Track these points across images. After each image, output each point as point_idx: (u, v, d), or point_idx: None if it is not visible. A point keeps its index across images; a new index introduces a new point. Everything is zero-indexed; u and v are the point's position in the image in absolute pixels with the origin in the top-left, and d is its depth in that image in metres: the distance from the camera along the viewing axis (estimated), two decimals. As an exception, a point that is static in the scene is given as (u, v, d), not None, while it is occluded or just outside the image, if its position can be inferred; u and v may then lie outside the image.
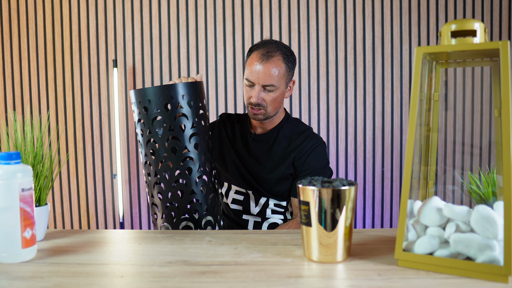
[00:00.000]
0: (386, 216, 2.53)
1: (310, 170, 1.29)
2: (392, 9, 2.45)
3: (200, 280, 0.68)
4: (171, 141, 1.06)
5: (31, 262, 0.77)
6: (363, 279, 0.67)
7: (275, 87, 1.25)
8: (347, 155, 2.51)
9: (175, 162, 1.06)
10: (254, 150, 1.34)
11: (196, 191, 1.07)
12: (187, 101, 1.06)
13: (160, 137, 1.05)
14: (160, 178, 1.07)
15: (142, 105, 1.05)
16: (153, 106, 1.04)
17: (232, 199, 1.36)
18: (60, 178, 2.54)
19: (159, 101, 1.03)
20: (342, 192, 0.72)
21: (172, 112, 1.04)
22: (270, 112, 1.29)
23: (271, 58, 1.23)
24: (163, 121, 1.05)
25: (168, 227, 1.09)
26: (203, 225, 1.09)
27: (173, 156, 1.06)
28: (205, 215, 1.09)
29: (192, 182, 1.07)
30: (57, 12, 2.48)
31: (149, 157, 1.08)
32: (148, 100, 1.04)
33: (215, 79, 2.49)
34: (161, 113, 1.04)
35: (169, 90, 1.03)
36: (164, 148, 1.06)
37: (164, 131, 1.05)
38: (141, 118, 1.07)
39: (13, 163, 0.77)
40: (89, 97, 2.51)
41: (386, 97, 2.49)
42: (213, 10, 2.46)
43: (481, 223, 0.67)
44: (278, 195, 1.32)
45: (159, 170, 1.07)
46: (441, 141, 0.86)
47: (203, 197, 1.09)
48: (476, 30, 0.71)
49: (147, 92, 1.05)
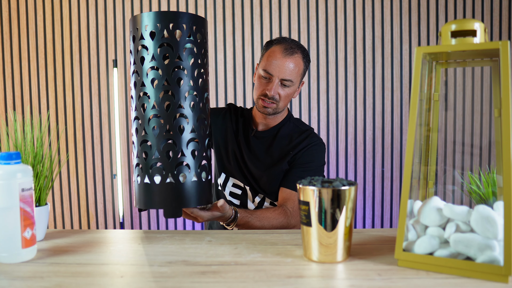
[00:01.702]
0: (386, 216, 2.53)
1: (303, 164, 1.28)
2: (392, 9, 2.45)
3: (200, 280, 0.68)
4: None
5: (31, 262, 0.77)
6: (363, 279, 0.67)
7: (292, 83, 1.26)
8: (347, 155, 2.51)
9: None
10: (254, 146, 1.34)
11: (185, 154, 0.95)
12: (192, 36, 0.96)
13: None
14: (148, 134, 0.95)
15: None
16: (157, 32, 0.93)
17: (230, 192, 1.36)
18: (60, 178, 2.54)
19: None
20: (342, 192, 0.72)
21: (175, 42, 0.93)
22: (280, 108, 1.29)
23: (294, 54, 1.25)
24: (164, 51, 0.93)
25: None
26: (199, 168, 0.96)
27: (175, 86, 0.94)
28: (202, 158, 0.98)
29: (183, 142, 0.95)
30: (57, 12, 2.48)
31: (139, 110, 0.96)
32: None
33: (215, 79, 2.49)
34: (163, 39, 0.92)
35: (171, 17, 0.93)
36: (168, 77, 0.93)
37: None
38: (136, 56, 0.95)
39: (13, 163, 0.77)
40: (89, 97, 2.51)
41: (386, 97, 2.49)
42: (213, 10, 2.46)
43: (481, 223, 0.68)
44: (273, 194, 1.32)
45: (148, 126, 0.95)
46: (441, 141, 0.86)
47: (193, 162, 0.96)
48: (476, 30, 0.71)
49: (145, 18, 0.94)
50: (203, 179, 0.97)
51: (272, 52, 1.26)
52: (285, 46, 1.25)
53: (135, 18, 0.96)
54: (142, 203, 0.96)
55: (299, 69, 1.26)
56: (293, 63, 1.24)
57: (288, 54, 1.24)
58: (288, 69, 1.24)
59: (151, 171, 0.95)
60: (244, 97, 2.50)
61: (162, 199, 0.94)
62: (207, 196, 0.99)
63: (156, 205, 0.95)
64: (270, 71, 1.24)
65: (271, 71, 1.24)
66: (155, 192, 0.95)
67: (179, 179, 0.95)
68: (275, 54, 1.25)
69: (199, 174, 0.96)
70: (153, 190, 0.95)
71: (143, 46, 0.95)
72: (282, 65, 1.23)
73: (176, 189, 0.94)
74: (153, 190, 0.95)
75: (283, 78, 1.24)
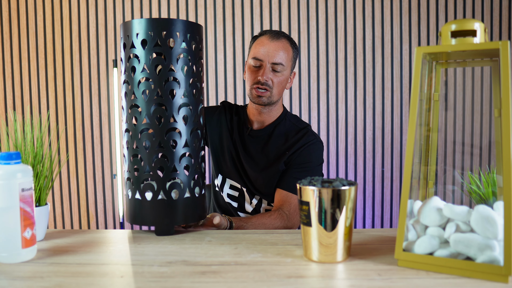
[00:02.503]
0: (386, 216, 2.53)
1: (299, 165, 1.27)
2: (392, 9, 2.45)
3: (200, 280, 0.68)
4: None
5: (31, 262, 0.77)
6: (363, 279, 0.67)
7: (283, 68, 1.26)
8: (347, 155, 2.51)
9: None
10: (249, 145, 1.33)
11: (178, 169, 0.91)
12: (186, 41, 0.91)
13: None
14: (139, 148, 0.91)
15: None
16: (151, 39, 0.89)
17: (227, 194, 1.35)
18: (60, 178, 2.54)
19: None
20: (342, 192, 0.72)
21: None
22: (274, 96, 1.28)
23: (280, 38, 1.27)
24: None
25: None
26: (192, 184, 0.93)
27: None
28: (195, 173, 0.94)
29: (175, 157, 0.91)
30: (57, 12, 2.48)
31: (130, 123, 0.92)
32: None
33: (215, 79, 2.49)
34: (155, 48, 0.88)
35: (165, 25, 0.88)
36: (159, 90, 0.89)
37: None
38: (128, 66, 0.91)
39: (13, 163, 0.77)
40: (89, 97, 2.51)
41: (386, 97, 2.49)
42: (213, 10, 2.46)
43: (481, 223, 0.68)
44: (269, 196, 1.30)
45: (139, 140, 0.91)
46: (441, 141, 0.86)
47: (186, 178, 0.93)
48: (476, 30, 0.71)
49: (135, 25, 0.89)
50: (196, 194, 0.93)
51: (259, 41, 1.28)
52: (270, 34, 1.28)
53: (126, 24, 0.91)
54: (133, 218, 0.93)
55: (288, 53, 1.27)
56: (281, 47, 1.26)
57: (275, 38, 1.26)
58: (277, 52, 1.25)
59: (142, 187, 0.91)
60: (244, 97, 2.50)
61: (154, 216, 0.91)
62: (200, 212, 0.96)
63: (147, 222, 0.91)
64: (260, 57, 1.25)
65: (261, 57, 1.25)
66: (147, 209, 0.91)
67: (171, 195, 0.90)
68: (262, 41, 1.27)
69: (192, 189, 0.93)
70: (144, 206, 0.91)
71: (134, 55, 0.91)
72: (270, 49, 1.25)
73: (168, 206, 0.90)
74: (144, 206, 0.91)
75: (273, 62, 1.24)
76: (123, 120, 0.95)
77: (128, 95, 0.92)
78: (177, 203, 0.91)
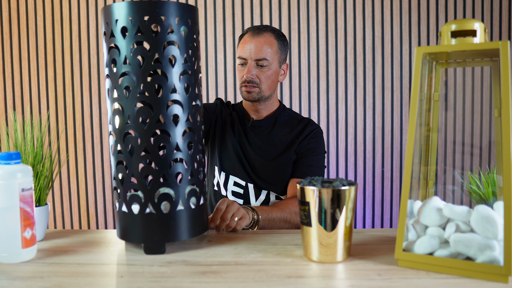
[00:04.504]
0: (386, 216, 2.53)
1: (310, 151, 1.30)
2: (392, 9, 2.45)
3: (200, 280, 0.68)
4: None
5: (31, 262, 0.77)
6: (363, 279, 0.67)
7: (269, 62, 1.26)
8: (347, 155, 2.51)
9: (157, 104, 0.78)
10: (253, 136, 1.34)
11: (168, 178, 0.80)
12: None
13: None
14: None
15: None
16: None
17: (232, 191, 1.34)
18: (60, 178, 2.54)
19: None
20: (342, 192, 0.72)
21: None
22: (265, 91, 1.29)
23: (262, 33, 1.27)
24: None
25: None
26: (186, 194, 0.82)
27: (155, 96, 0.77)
28: (190, 182, 0.82)
29: (164, 164, 0.79)
30: (57, 12, 2.48)
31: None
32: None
33: (215, 79, 2.49)
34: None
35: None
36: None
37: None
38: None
39: (13, 163, 0.77)
40: (89, 97, 2.51)
41: (386, 97, 2.49)
42: (213, 10, 2.46)
43: (481, 223, 0.67)
44: (279, 186, 1.30)
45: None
46: (441, 141, 0.86)
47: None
48: (476, 30, 0.71)
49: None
50: (192, 206, 0.82)
51: (242, 40, 1.30)
52: (251, 31, 1.28)
53: (105, 10, 0.79)
54: (122, 234, 0.83)
55: (272, 47, 1.27)
56: (263, 42, 1.26)
57: (255, 34, 1.26)
58: (258, 48, 1.25)
59: (128, 199, 0.80)
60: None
61: (141, 233, 0.79)
62: (199, 226, 0.84)
63: (135, 239, 0.80)
64: (243, 55, 1.26)
65: (244, 55, 1.26)
66: (134, 223, 0.79)
67: (161, 208, 0.79)
68: (245, 39, 1.28)
69: (187, 201, 0.81)
70: (131, 220, 0.79)
71: (114, 45, 0.79)
72: (252, 46, 1.25)
73: (158, 221, 0.78)
74: (130, 220, 0.80)
75: (256, 59, 1.25)
76: (108, 121, 0.85)
77: (110, 92, 0.81)
78: (169, 217, 0.79)
